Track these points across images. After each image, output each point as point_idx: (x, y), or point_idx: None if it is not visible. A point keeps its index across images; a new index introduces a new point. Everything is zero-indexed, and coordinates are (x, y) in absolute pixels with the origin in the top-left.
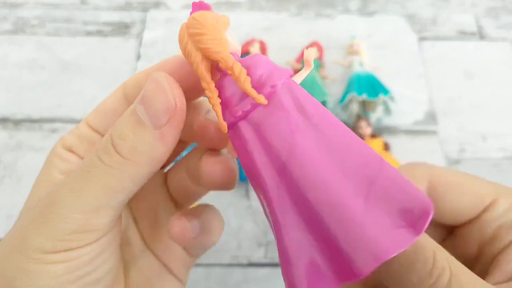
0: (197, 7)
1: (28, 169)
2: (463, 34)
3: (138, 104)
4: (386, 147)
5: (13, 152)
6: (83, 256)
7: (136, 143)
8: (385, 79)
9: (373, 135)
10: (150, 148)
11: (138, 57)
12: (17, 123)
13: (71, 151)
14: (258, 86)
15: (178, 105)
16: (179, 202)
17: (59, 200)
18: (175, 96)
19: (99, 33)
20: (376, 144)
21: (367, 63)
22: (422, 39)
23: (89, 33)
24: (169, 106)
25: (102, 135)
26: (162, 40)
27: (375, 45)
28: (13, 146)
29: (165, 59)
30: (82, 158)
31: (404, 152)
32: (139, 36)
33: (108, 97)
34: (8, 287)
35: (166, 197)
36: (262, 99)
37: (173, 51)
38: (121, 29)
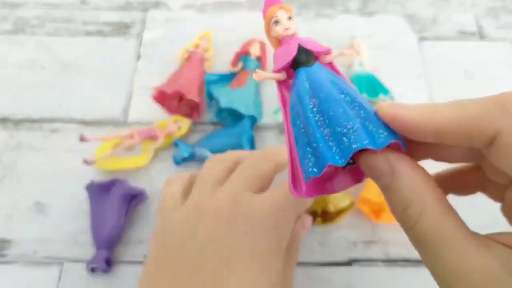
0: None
1: (28, 169)
2: (463, 34)
3: None
4: None
5: (13, 152)
6: None
7: None
8: (385, 79)
9: None
10: None
11: (138, 57)
12: (17, 123)
13: None
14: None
15: None
16: None
17: None
18: None
19: (99, 33)
20: None
21: (367, 63)
22: (422, 39)
23: (89, 33)
24: None
25: None
26: (162, 40)
27: (375, 45)
28: (13, 146)
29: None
30: None
31: None
32: (139, 36)
33: None
34: None
35: None
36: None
37: (173, 51)
38: (121, 29)
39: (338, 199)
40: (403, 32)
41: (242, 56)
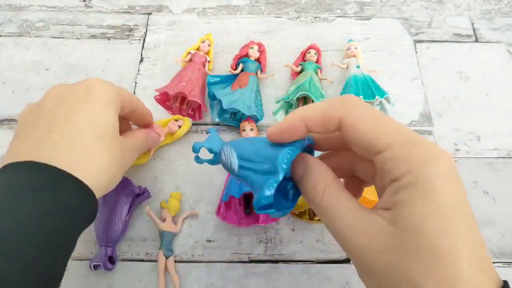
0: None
1: None
2: (459, 37)
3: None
4: None
5: None
6: None
7: None
8: (382, 81)
9: None
10: None
11: (141, 59)
12: None
13: None
14: None
15: None
16: None
17: None
18: None
19: (103, 36)
20: None
21: (364, 65)
22: (418, 41)
23: (93, 36)
24: None
25: None
26: (164, 43)
27: (372, 47)
28: None
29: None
30: None
31: None
32: (142, 39)
33: None
34: None
35: None
36: None
37: (175, 53)
38: (125, 32)
39: None
40: (399, 35)
41: (242, 58)
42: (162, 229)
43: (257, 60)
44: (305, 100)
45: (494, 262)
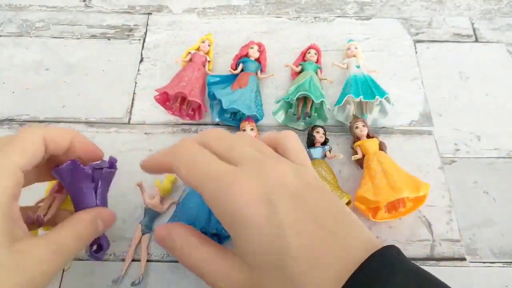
0: None
1: None
2: (459, 37)
3: None
4: (382, 147)
5: None
6: None
7: None
8: (382, 81)
9: (370, 135)
10: None
11: (141, 59)
12: (23, 123)
13: None
14: None
15: None
16: None
17: None
18: None
19: (103, 36)
20: (372, 144)
21: (364, 65)
22: (418, 41)
23: (93, 36)
24: None
25: None
26: (164, 43)
27: (372, 47)
28: None
29: None
30: None
31: (400, 152)
32: (142, 39)
33: None
34: None
35: None
36: None
37: (175, 53)
38: (125, 32)
39: None
40: (399, 34)
41: (242, 58)
42: (148, 205)
43: (257, 60)
44: (305, 100)
45: (494, 262)
